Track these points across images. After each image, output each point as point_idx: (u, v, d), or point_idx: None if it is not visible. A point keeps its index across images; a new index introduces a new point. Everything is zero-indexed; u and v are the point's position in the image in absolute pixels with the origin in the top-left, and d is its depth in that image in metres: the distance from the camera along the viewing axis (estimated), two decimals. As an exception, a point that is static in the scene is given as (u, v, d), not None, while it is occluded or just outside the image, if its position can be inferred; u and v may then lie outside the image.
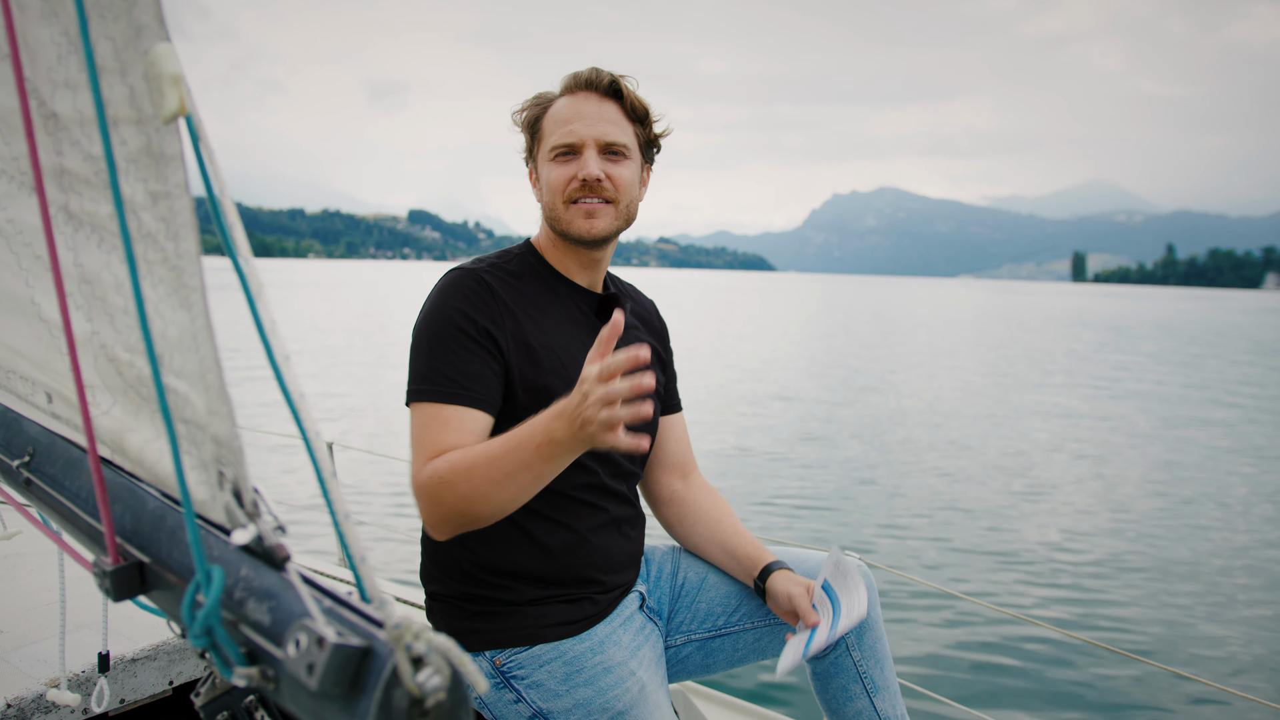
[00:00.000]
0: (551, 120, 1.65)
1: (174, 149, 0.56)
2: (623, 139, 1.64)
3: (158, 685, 1.63)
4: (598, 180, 1.60)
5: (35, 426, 0.87)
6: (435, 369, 1.52)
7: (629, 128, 1.67)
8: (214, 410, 0.58)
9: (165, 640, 1.65)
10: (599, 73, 1.65)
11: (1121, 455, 11.73)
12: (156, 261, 0.59)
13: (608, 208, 1.64)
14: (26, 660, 1.54)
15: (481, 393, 1.52)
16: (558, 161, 1.63)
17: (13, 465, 0.87)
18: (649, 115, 1.70)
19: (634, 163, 1.68)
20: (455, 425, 1.48)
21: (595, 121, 1.62)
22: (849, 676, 1.69)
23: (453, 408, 1.50)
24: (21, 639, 1.63)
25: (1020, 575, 6.74)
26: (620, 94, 1.66)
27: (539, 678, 1.54)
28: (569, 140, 1.61)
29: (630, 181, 1.66)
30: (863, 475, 10.14)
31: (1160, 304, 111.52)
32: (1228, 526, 8.42)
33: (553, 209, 1.65)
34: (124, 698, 1.58)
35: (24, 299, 0.76)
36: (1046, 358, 26.35)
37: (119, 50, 0.57)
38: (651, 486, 1.88)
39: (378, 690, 0.48)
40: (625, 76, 1.67)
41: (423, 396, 1.51)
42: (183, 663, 1.67)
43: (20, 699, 1.42)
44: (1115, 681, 4.90)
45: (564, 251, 1.70)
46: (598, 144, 1.62)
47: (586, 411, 1.25)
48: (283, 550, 0.56)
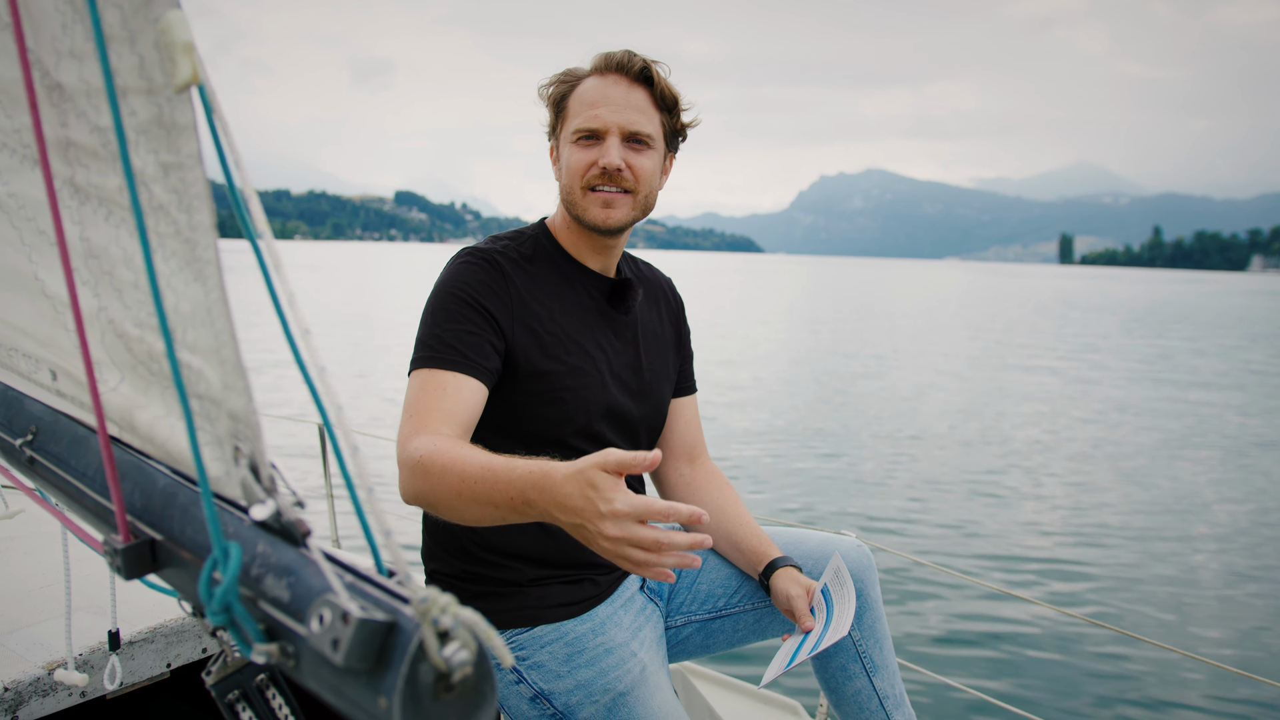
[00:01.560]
0: (578, 100, 1.62)
1: (186, 119, 0.54)
2: (648, 128, 1.62)
3: (155, 668, 1.63)
4: (618, 170, 1.58)
5: (38, 405, 0.86)
6: (435, 336, 1.52)
7: (656, 116, 1.64)
8: (230, 385, 0.58)
9: (162, 623, 1.64)
10: (632, 56, 1.61)
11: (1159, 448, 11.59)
12: (169, 234, 0.58)
13: (626, 197, 1.62)
14: (23, 644, 1.53)
15: (478, 361, 1.50)
16: (580, 145, 1.60)
17: (15, 444, 0.86)
18: (678, 104, 1.68)
19: (657, 152, 1.65)
20: (450, 390, 1.46)
21: (622, 108, 1.59)
22: (848, 655, 1.70)
23: (448, 373, 1.49)
24: (17, 622, 1.62)
25: (1016, 553, 6.81)
26: (651, 80, 1.63)
27: (540, 659, 1.55)
28: (593, 125, 1.59)
29: (651, 172, 1.64)
30: (864, 455, 10.20)
31: (1158, 287, 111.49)
32: (1231, 508, 8.51)
33: (570, 192, 1.63)
34: (121, 680, 1.57)
35: (27, 275, 0.75)
36: (1090, 351, 25.59)
37: (128, 18, 0.55)
38: (659, 470, 1.88)
39: (404, 665, 0.47)
40: (658, 63, 1.64)
41: (421, 363, 1.51)
42: (180, 645, 1.66)
43: (18, 682, 1.41)
44: (1113, 659, 4.97)
45: (578, 235, 1.69)
46: (622, 132, 1.59)
47: (603, 531, 1.09)
48: (303, 525, 0.55)
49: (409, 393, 1.51)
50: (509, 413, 1.58)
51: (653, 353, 1.78)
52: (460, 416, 1.46)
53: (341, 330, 23.85)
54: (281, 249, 0.55)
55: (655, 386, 1.77)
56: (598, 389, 1.63)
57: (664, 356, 1.82)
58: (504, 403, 1.57)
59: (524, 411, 1.58)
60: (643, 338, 1.76)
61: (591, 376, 1.63)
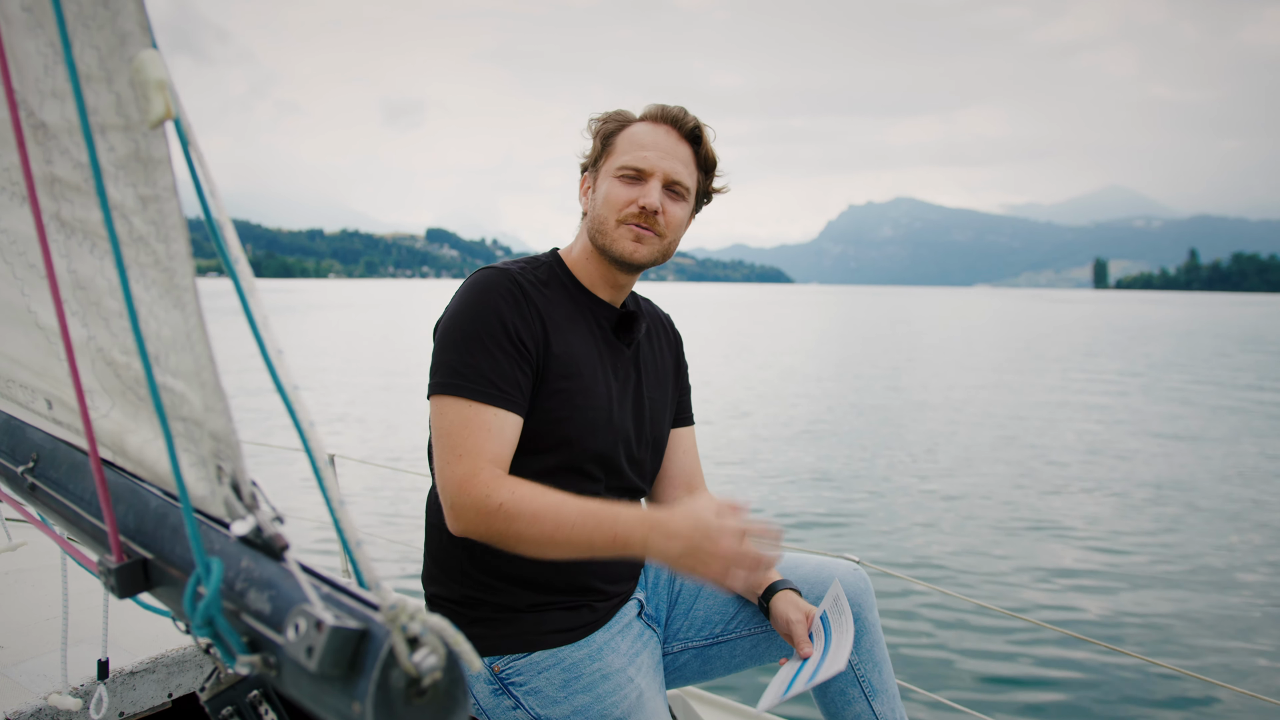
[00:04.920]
0: (627, 139, 1.67)
1: (161, 153, 0.57)
2: (687, 181, 1.68)
3: (156, 698, 1.63)
4: (655, 212, 1.63)
5: (38, 433, 0.89)
6: (470, 365, 1.52)
7: (695, 173, 1.71)
8: (210, 406, 0.60)
9: (164, 653, 1.65)
10: (685, 114, 1.68)
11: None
12: (149, 264, 0.60)
13: (655, 239, 1.66)
14: (26, 675, 1.54)
15: (514, 395, 1.53)
16: (622, 181, 1.65)
17: (17, 471, 0.88)
18: (715, 168, 1.75)
19: (688, 206, 1.71)
20: (495, 430, 1.50)
21: (669, 156, 1.65)
22: (846, 680, 1.70)
23: (491, 410, 1.50)
24: (21, 654, 1.63)
25: (1023, 579, 6.74)
26: (699, 140, 1.70)
27: (537, 684, 1.55)
28: (640, 165, 1.64)
29: (681, 222, 1.70)
30: (872, 480, 10.14)
31: (1213, 310, 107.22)
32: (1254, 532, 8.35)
33: (602, 222, 1.66)
34: (123, 710, 1.58)
35: (20, 308, 0.77)
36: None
37: (104, 58, 0.58)
38: (659, 500, 1.89)
39: (375, 671, 0.49)
40: (707, 126, 1.71)
41: (456, 390, 1.51)
42: (182, 675, 1.67)
43: (19, 713, 1.42)
44: (1118, 683, 4.90)
45: (596, 267, 1.72)
46: (665, 178, 1.64)
47: (719, 547, 1.32)
48: (281, 540, 0.57)
49: (446, 421, 1.51)
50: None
51: (653, 383, 1.82)
52: (508, 458, 1.53)
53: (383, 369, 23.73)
54: (318, 288, 0.57)
55: (656, 415, 1.80)
56: (604, 411, 1.65)
57: (664, 387, 1.85)
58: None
59: (535, 429, 1.60)
60: (644, 368, 1.80)
61: (599, 398, 1.65)
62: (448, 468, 1.49)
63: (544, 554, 1.43)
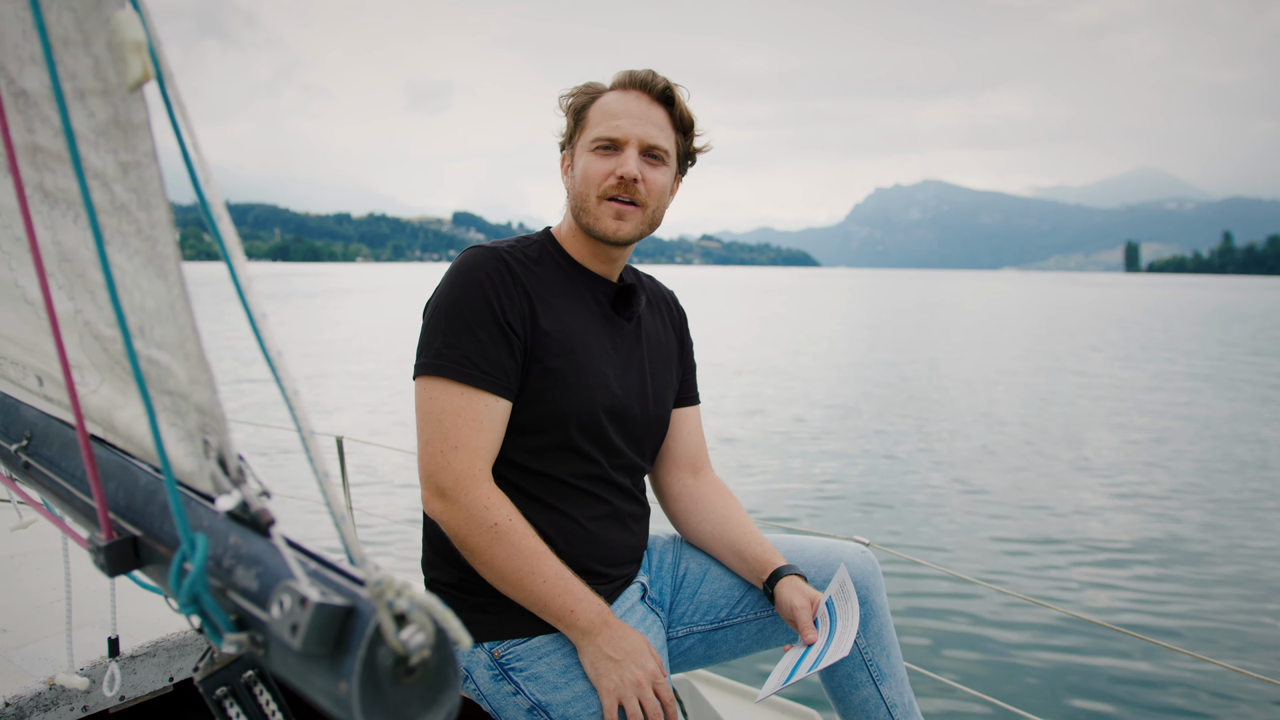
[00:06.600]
0: (598, 111, 1.65)
1: (140, 117, 0.55)
2: (665, 144, 1.65)
3: (158, 681, 1.63)
4: (634, 180, 1.60)
5: (31, 410, 0.88)
6: (456, 347, 1.52)
7: (672, 136, 1.67)
8: (195, 379, 0.58)
9: (165, 636, 1.65)
10: (654, 76, 1.65)
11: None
12: (131, 233, 0.59)
13: (636, 211, 1.64)
14: (27, 659, 1.54)
15: (504, 381, 1.53)
16: (598, 154, 1.62)
17: (11, 449, 0.87)
18: (693, 127, 1.71)
19: (670, 170, 1.68)
20: (485, 419, 1.51)
21: (642, 122, 1.62)
22: (854, 664, 1.68)
23: (479, 395, 1.50)
24: (23, 637, 1.63)
25: (1034, 561, 6.71)
26: (671, 101, 1.66)
27: (538, 670, 1.53)
28: (613, 135, 1.61)
29: (663, 188, 1.67)
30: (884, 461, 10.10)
31: (1266, 294, 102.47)
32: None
33: (584, 200, 1.64)
34: (124, 694, 1.58)
35: (8, 282, 0.76)
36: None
37: (81, 21, 0.56)
38: (661, 481, 1.87)
39: (361, 649, 0.47)
40: (679, 85, 1.67)
41: (440, 371, 1.51)
42: (183, 658, 1.67)
43: (19, 697, 1.42)
44: (1131, 667, 4.87)
45: (584, 244, 1.70)
46: (640, 144, 1.62)
47: (636, 673, 1.47)
48: (267, 515, 0.56)
49: (435, 405, 1.51)
50: (515, 407, 1.58)
51: (656, 359, 1.79)
52: (496, 448, 1.55)
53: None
54: (346, 271, 0.55)
55: (659, 392, 1.77)
56: (602, 387, 1.63)
57: (667, 364, 1.83)
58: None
59: (530, 406, 1.58)
60: (646, 344, 1.77)
61: (597, 375, 1.63)
62: (441, 455, 1.49)
63: (497, 581, 1.50)
